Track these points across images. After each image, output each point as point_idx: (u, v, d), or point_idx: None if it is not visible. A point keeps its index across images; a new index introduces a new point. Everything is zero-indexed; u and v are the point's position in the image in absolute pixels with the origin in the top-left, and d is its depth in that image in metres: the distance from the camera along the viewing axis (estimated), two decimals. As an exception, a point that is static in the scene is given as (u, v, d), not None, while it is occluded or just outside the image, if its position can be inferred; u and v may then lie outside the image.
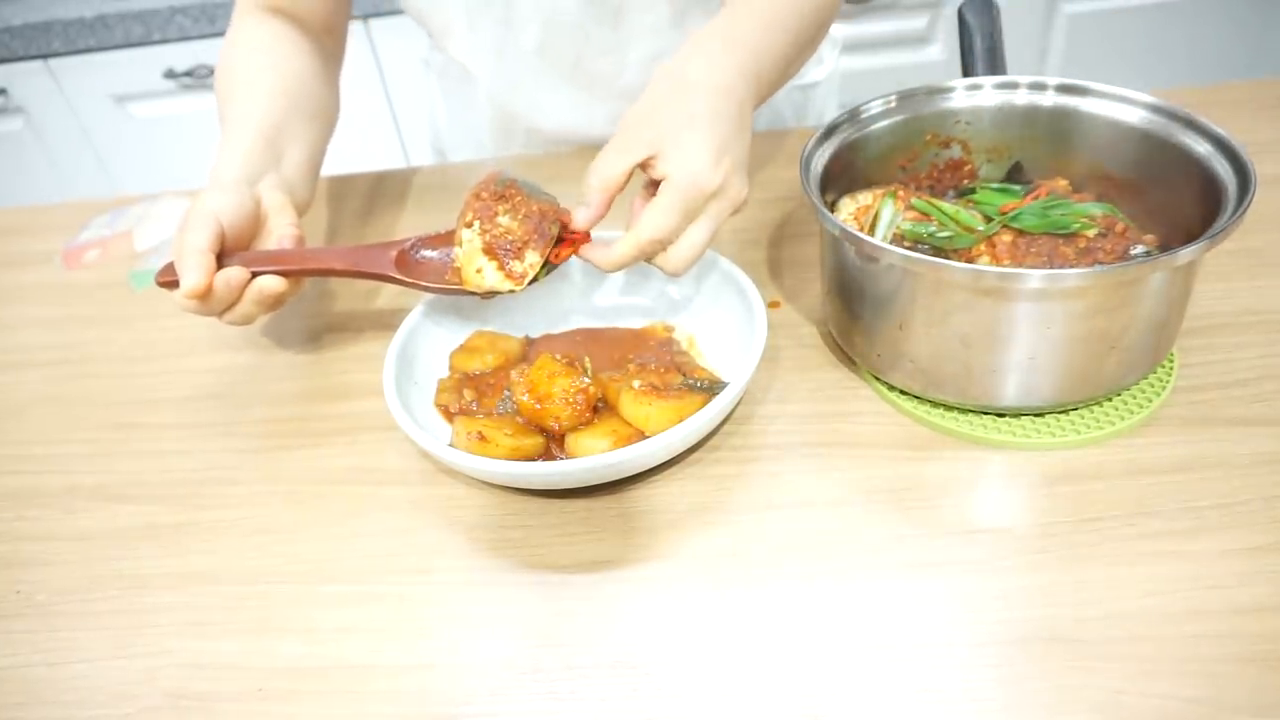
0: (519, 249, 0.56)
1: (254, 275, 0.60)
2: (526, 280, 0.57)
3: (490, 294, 0.58)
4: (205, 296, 0.58)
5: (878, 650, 0.46)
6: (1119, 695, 0.42)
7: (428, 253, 0.63)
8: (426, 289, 0.61)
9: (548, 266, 0.58)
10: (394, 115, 1.62)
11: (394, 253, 0.63)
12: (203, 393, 0.71)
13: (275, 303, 0.62)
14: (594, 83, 0.88)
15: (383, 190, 0.96)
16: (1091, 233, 0.56)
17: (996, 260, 0.56)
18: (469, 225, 0.58)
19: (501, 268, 0.56)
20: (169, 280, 0.60)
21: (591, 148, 0.95)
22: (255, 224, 0.64)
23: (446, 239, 0.62)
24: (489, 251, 0.57)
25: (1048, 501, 0.52)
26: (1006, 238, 0.57)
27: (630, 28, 0.85)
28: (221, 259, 0.60)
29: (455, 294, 0.61)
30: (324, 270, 0.63)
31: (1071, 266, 0.55)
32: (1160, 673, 0.43)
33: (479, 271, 0.57)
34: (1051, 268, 0.55)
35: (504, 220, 0.57)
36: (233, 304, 0.61)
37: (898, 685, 0.44)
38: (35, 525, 0.61)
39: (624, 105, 0.89)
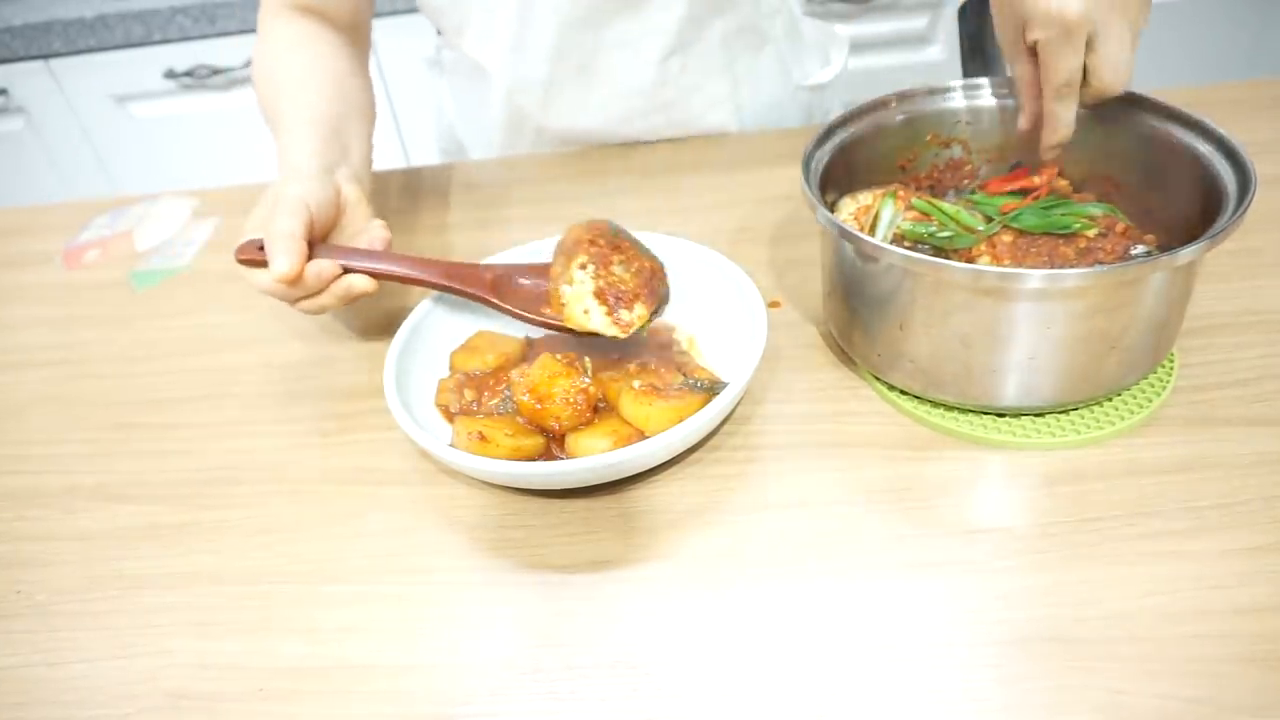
0: (630, 300, 0.59)
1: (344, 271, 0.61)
2: (632, 330, 0.59)
3: (589, 334, 0.60)
4: (294, 283, 0.59)
5: (878, 650, 0.46)
6: (1119, 695, 0.42)
7: (523, 280, 0.66)
8: (522, 317, 0.63)
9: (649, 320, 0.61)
10: (394, 115, 1.62)
11: (489, 276, 0.65)
12: (203, 393, 0.71)
13: (353, 300, 0.62)
14: (607, 80, 0.88)
15: (389, 189, 0.96)
16: (1092, 233, 0.56)
17: (997, 260, 0.56)
18: (583, 267, 0.60)
19: (610, 313, 0.59)
20: (252, 259, 0.60)
21: (598, 148, 0.95)
22: (336, 215, 0.65)
23: (541, 270, 0.65)
24: (600, 296, 0.59)
25: (1048, 501, 0.52)
26: (1007, 238, 0.57)
27: (647, 24, 0.85)
28: (311, 247, 0.61)
29: (552, 328, 0.63)
30: (418, 280, 0.64)
31: (1072, 266, 0.55)
32: (1160, 673, 0.43)
33: (586, 312, 0.60)
34: (1052, 268, 0.55)
35: (618, 270, 0.60)
36: (313, 294, 0.61)
37: (898, 685, 0.44)
38: (35, 525, 0.61)
39: (636, 104, 0.90)
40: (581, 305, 0.60)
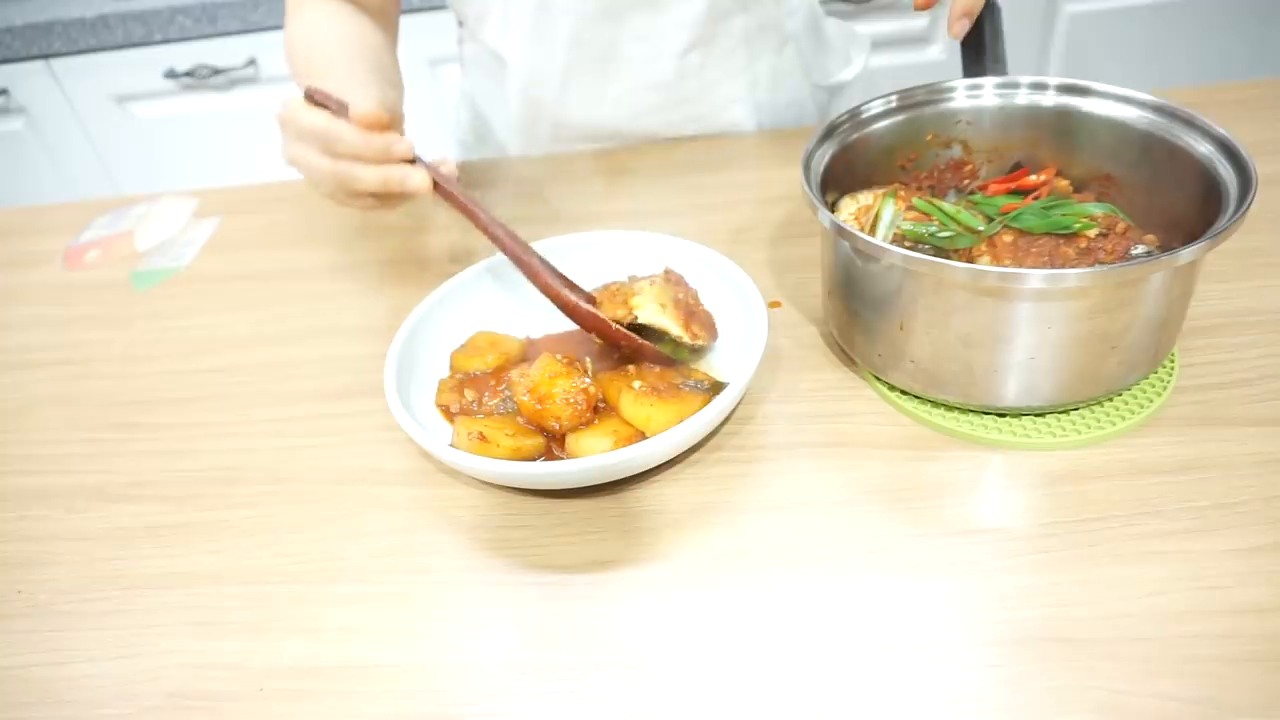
0: (700, 321, 0.63)
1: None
2: (696, 342, 0.62)
3: (675, 351, 0.63)
4: (373, 125, 0.57)
5: (878, 650, 0.46)
6: (1119, 695, 0.42)
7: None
8: (554, 291, 0.63)
9: (692, 348, 0.64)
10: (394, 115, 1.62)
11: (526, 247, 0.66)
12: (204, 393, 0.71)
13: (397, 198, 0.62)
14: (625, 73, 0.88)
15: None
16: (1092, 232, 0.56)
17: (998, 260, 0.56)
18: (653, 284, 0.63)
19: (680, 319, 0.62)
20: (325, 98, 0.59)
21: (596, 148, 0.95)
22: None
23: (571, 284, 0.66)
24: (674, 306, 0.62)
25: (1048, 501, 0.52)
26: (1007, 238, 0.57)
27: (667, 18, 0.84)
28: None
29: (580, 317, 0.63)
30: (467, 210, 0.64)
31: (1072, 266, 0.55)
32: (1160, 673, 0.43)
33: (663, 306, 0.62)
34: (1052, 267, 0.55)
35: (689, 300, 0.64)
36: (371, 160, 0.59)
37: (897, 685, 0.44)
38: (37, 525, 0.61)
39: (653, 98, 0.90)
40: (660, 301, 0.61)
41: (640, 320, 0.61)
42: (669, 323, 0.61)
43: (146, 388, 0.72)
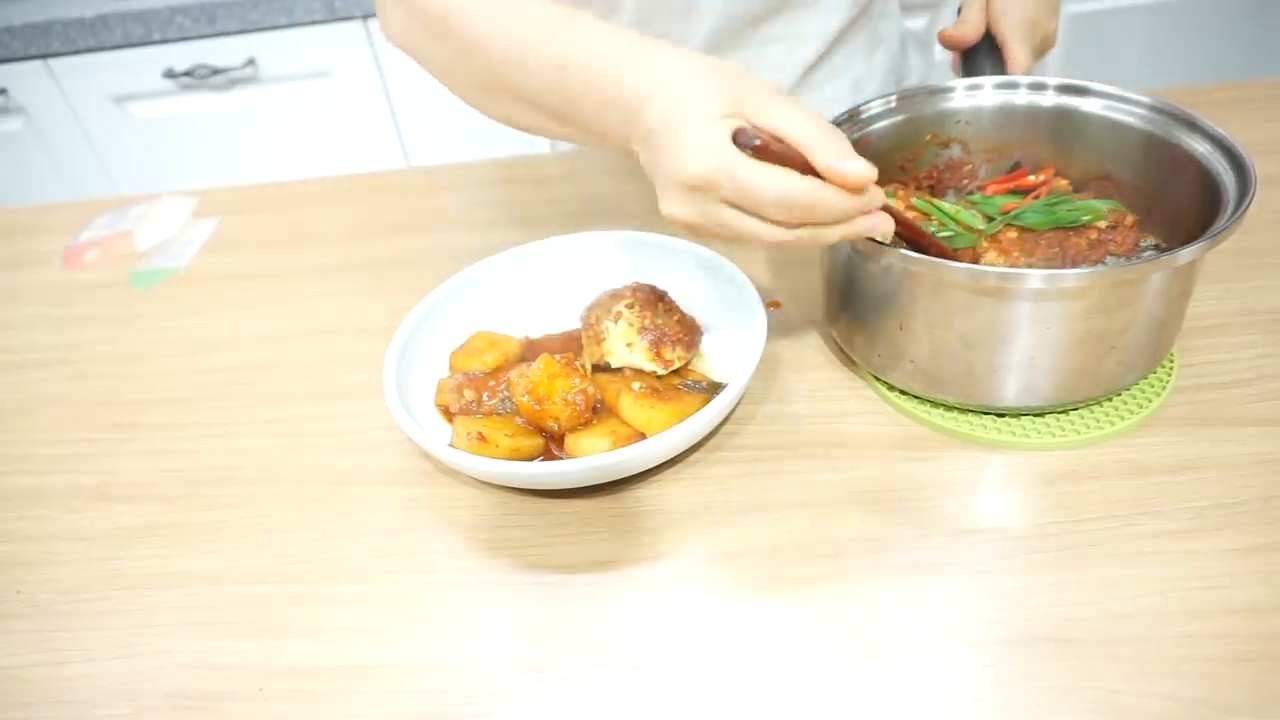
0: (672, 342, 0.61)
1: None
2: (671, 368, 0.61)
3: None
4: (863, 190, 0.46)
5: (877, 650, 0.46)
6: (1117, 695, 0.43)
7: None
8: None
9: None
10: (394, 115, 1.62)
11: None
12: (204, 393, 0.71)
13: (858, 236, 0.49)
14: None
15: (391, 188, 0.96)
16: (1103, 224, 0.56)
17: (1005, 255, 0.56)
18: (629, 307, 0.62)
19: (652, 349, 0.61)
20: (775, 149, 0.45)
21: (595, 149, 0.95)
22: None
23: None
24: (644, 333, 0.61)
25: (1047, 501, 0.52)
26: (1012, 234, 0.57)
27: (700, 16, 0.82)
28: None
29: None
30: (920, 236, 0.53)
31: (1084, 258, 0.55)
32: (1158, 673, 0.43)
33: (629, 345, 0.61)
34: (1063, 260, 0.55)
35: (660, 317, 0.62)
36: (842, 221, 0.47)
37: (897, 685, 0.44)
38: (37, 525, 0.61)
39: None
40: (625, 340, 0.61)
41: (613, 366, 0.61)
42: (639, 360, 0.61)
43: (146, 388, 0.72)
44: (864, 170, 0.44)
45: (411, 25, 0.60)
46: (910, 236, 0.52)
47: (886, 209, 0.49)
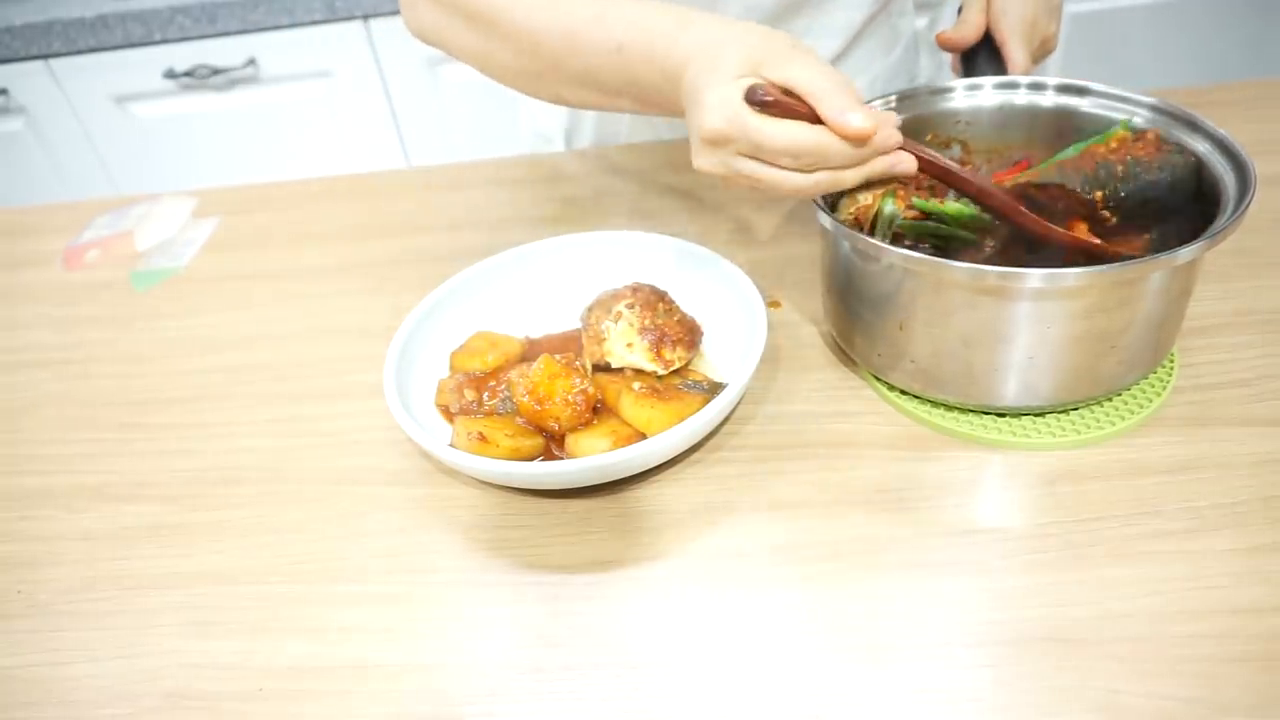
0: (673, 342, 0.61)
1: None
2: (672, 368, 0.61)
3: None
4: (867, 139, 0.49)
5: (877, 650, 0.46)
6: (1116, 695, 0.43)
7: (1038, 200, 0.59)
8: (1056, 233, 0.56)
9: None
10: (394, 115, 1.62)
11: (1014, 192, 0.58)
12: (204, 393, 0.71)
13: (878, 181, 0.53)
14: None
15: (391, 188, 0.96)
16: (1125, 133, 0.56)
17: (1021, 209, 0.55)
18: (630, 308, 0.62)
19: (652, 349, 0.60)
20: (785, 106, 0.49)
21: (590, 149, 0.95)
22: None
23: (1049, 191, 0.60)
24: (644, 333, 0.61)
25: (1047, 501, 0.52)
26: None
27: (828, 22, 0.83)
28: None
29: (1079, 244, 0.55)
30: (957, 180, 0.55)
31: (1108, 160, 0.55)
32: (1157, 672, 0.43)
33: (629, 346, 0.61)
34: (1085, 177, 0.54)
35: (661, 317, 0.62)
36: (857, 165, 0.51)
37: (896, 685, 0.44)
38: (38, 525, 0.61)
39: None
40: (625, 340, 0.61)
41: (613, 366, 0.61)
42: (639, 360, 0.61)
43: (147, 388, 0.72)
44: (863, 121, 0.47)
45: (448, 20, 0.63)
46: (937, 174, 0.55)
47: (908, 146, 0.52)
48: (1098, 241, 0.56)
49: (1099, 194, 0.58)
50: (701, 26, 0.53)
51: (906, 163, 0.52)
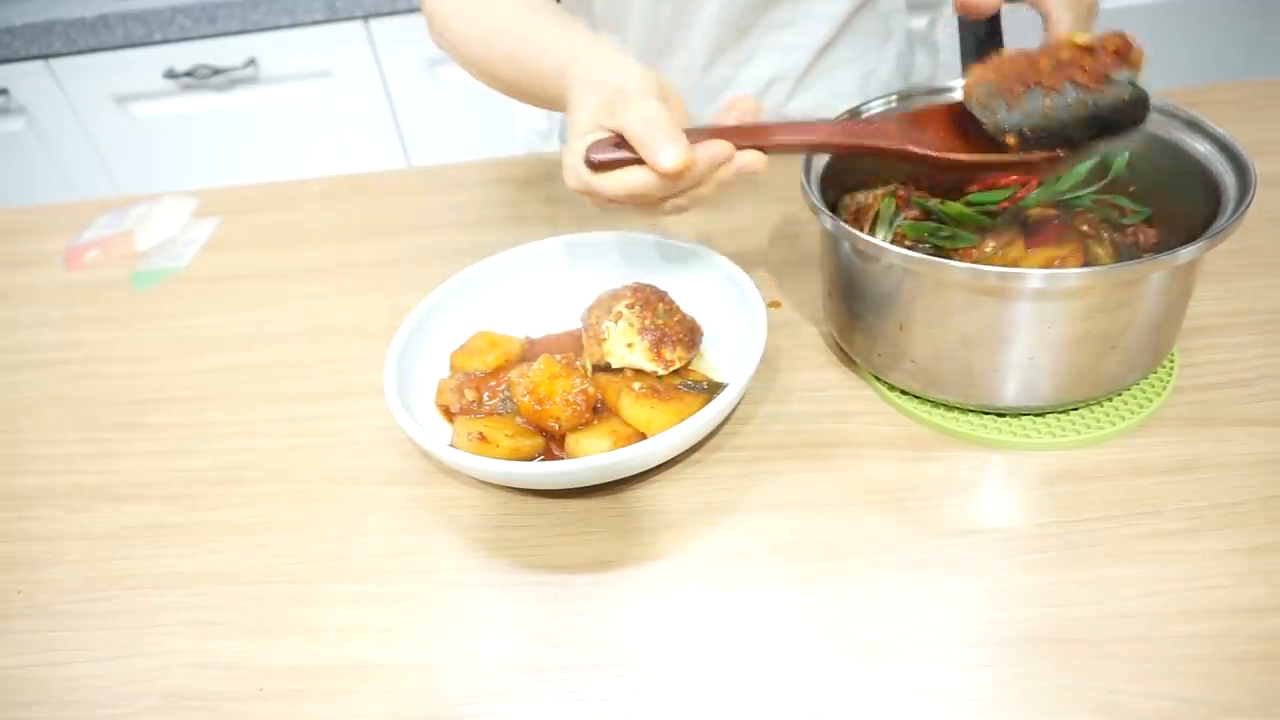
0: (673, 342, 0.61)
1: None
2: (671, 368, 0.61)
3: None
4: (684, 174, 0.52)
5: (877, 650, 0.46)
6: (1117, 695, 0.43)
7: (908, 126, 0.58)
8: (949, 160, 0.55)
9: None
10: (394, 115, 1.62)
11: (884, 126, 0.57)
12: (204, 393, 0.71)
13: (730, 185, 0.56)
14: (765, 60, 0.87)
15: (391, 187, 0.96)
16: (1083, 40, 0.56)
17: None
18: (630, 308, 0.62)
19: (652, 349, 0.60)
20: (612, 160, 0.53)
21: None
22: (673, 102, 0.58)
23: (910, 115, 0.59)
24: (644, 333, 0.61)
25: (1047, 501, 0.52)
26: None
27: (810, 12, 0.84)
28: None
29: (979, 164, 0.55)
30: (818, 145, 0.57)
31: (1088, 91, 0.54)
32: (1158, 672, 0.43)
33: (629, 346, 0.61)
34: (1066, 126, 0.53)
35: (661, 317, 0.62)
36: (694, 186, 0.54)
37: (896, 685, 0.44)
38: (38, 525, 0.61)
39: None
40: (625, 340, 0.61)
41: (613, 366, 0.61)
42: (639, 360, 0.60)
43: (147, 388, 0.72)
44: (673, 159, 0.51)
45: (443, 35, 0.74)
46: (807, 150, 0.58)
47: (767, 140, 0.55)
48: (1011, 158, 0.53)
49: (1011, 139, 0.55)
50: (574, 72, 0.59)
51: (752, 163, 0.55)
